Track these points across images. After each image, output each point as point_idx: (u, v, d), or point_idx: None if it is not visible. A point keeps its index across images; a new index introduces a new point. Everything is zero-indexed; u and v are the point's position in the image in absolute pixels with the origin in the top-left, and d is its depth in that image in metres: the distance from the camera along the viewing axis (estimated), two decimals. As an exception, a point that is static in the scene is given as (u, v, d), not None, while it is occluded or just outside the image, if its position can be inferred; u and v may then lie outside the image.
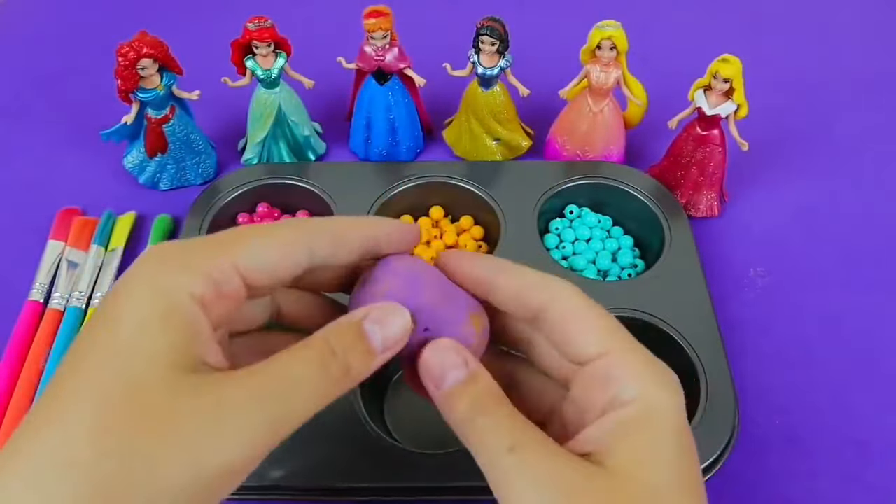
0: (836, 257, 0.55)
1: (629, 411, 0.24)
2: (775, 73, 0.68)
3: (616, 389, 0.25)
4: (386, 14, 0.53)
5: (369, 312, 0.25)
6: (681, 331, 0.46)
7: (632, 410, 0.24)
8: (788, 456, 0.45)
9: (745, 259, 0.54)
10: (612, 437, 0.24)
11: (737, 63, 0.50)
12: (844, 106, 0.66)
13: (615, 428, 0.24)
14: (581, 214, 0.55)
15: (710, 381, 0.44)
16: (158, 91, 0.53)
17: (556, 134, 0.59)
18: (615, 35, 0.52)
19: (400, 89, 0.57)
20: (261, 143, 0.58)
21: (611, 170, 0.56)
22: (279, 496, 0.41)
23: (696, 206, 0.56)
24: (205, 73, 0.55)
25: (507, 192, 0.54)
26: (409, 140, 0.60)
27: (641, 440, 0.24)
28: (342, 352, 0.24)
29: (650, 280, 0.49)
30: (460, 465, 0.40)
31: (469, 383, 0.25)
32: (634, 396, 0.24)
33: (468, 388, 0.25)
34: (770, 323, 0.51)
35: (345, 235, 0.26)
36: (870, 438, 0.45)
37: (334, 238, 0.26)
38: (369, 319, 0.25)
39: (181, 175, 0.58)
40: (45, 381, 0.46)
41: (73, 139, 0.62)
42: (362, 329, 0.25)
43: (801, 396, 0.47)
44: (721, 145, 0.54)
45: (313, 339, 0.24)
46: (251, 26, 0.53)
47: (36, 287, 0.51)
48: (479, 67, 0.55)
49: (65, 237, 0.54)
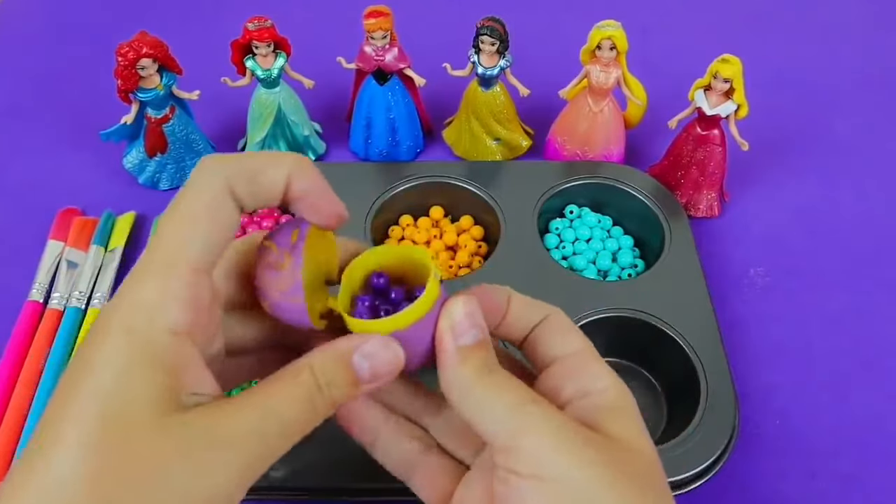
0: (836, 257, 0.55)
1: (609, 396, 0.27)
2: (775, 73, 0.68)
3: (588, 379, 0.27)
4: (386, 14, 0.53)
5: (360, 345, 0.25)
6: (681, 331, 0.46)
7: (611, 395, 0.27)
8: (788, 456, 0.45)
9: (745, 259, 0.54)
10: (598, 413, 0.26)
11: (737, 63, 0.50)
12: (844, 106, 0.66)
13: (600, 406, 0.26)
14: (581, 214, 0.55)
15: (710, 381, 0.44)
16: (158, 91, 0.53)
17: (555, 134, 0.59)
18: (615, 35, 0.52)
19: (400, 89, 0.57)
20: (261, 142, 0.58)
21: (611, 170, 0.56)
22: (279, 496, 0.41)
23: (696, 206, 0.56)
24: (205, 73, 0.55)
25: (507, 192, 0.54)
26: (409, 140, 0.60)
27: (626, 418, 0.27)
28: (327, 386, 0.24)
29: (650, 280, 0.49)
30: (460, 465, 0.40)
31: (485, 344, 0.26)
32: (608, 385, 0.27)
33: (483, 347, 0.26)
34: (770, 323, 0.51)
35: (262, 175, 0.25)
36: (870, 438, 0.45)
37: (250, 178, 0.25)
38: (360, 353, 0.25)
39: (181, 175, 0.58)
40: (45, 381, 0.46)
41: (73, 139, 0.62)
42: (350, 364, 0.25)
43: (801, 396, 0.47)
44: (721, 145, 0.54)
45: (301, 373, 0.24)
46: (251, 26, 0.53)
47: (36, 287, 0.51)
48: (479, 67, 0.54)
49: (65, 237, 0.54)
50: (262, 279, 0.26)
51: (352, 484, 0.40)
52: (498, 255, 0.51)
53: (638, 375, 0.48)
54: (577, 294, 0.48)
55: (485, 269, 0.50)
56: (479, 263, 0.52)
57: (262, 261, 0.26)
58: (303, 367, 0.24)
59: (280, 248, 0.26)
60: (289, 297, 0.25)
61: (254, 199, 0.25)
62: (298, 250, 0.26)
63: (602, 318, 0.47)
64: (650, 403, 0.47)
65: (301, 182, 0.25)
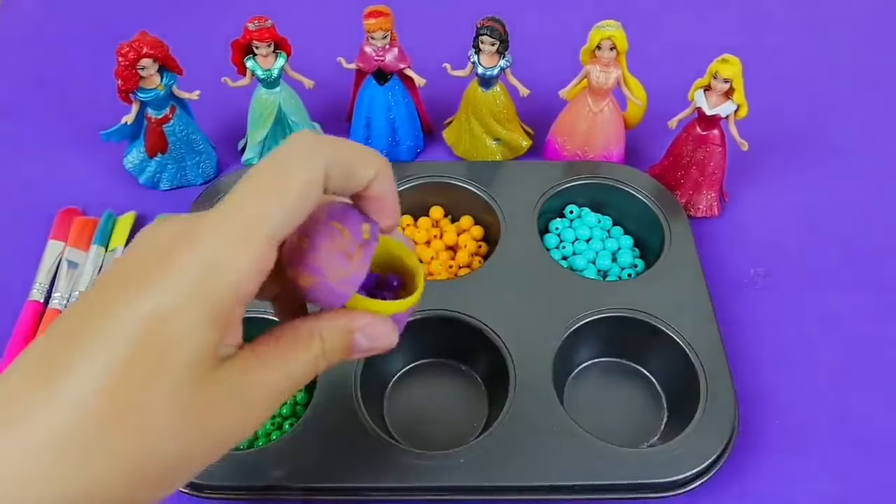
0: (836, 257, 0.55)
1: None
2: (775, 73, 0.68)
3: None
4: (386, 14, 0.53)
5: (365, 327, 0.27)
6: (681, 331, 0.46)
7: None
8: (788, 456, 0.45)
9: (745, 259, 0.54)
10: None
11: (737, 63, 0.50)
12: (844, 106, 0.66)
13: None
14: (581, 214, 0.55)
15: (710, 381, 0.44)
16: (158, 91, 0.53)
17: (555, 134, 0.59)
18: (615, 35, 0.52)
19: (400, 89, 0.57)
20: (261, 142, 0.58)
21: (611, 170, 0.56)
22: (279, 496, 0.41)
23: (696, 206, 0.56)
24: (205, 73, 0.55)
25: (507, 192, 0.54)
26: (409, 140, 0.60)
27: None
28: (330, 351, 0.27)
29: (650, 280, 0.49)
30: (460, 465, 0.40)
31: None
32: None
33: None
34: (770, 323, 0.51)
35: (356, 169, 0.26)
36: (870, 438, 0.45)
37: (347, 169, 0.26)
38: (362, 333, 0.27)
39: (181, 175, 0.58)
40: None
41: (73, 139, 0.62)
42: (352, 337, 0.27)
43: (801, 396, 0.47)
44: (721, 145, 0.54)
45: (313, 339, 0.26)
46: (251, 26, 0.53)
47: (36, 287, 0.51)
48: (479, 67, 0.55)
49: (65, 237, 0.54)
50: (324, 259, 0.26)
51: (352, 483, 0.40)
52: (498, 255, 0.51)
53: (638, 375, 0.48)
54: (577, 294, 0.48)
55: (485, 269, 0.50)
56: (479, 263, 0.52)
57: (331, 242, 0.26)
58: (315, 334, 0.26)
59: (353, 238, 0.27)
60: (344, 285, 0.26)
61: (340, 189, 0.26)
62: (371, 249, 0.27)
63: (602, 318, 0.47)
64: (650, 403, 0.47)
65: (383, 185, 0.27)
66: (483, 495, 0.41)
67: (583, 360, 0.48)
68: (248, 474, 0.40)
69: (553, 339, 0.46)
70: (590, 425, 0.42)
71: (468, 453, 0.41)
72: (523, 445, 0.41)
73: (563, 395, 0.46)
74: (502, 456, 0.41)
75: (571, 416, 0.43)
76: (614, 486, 0.41)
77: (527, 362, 0.44)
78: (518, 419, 0.42)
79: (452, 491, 0.41)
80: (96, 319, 0.22)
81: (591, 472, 0.41)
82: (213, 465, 0.39)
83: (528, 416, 0.42)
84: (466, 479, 0.40)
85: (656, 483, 0.40)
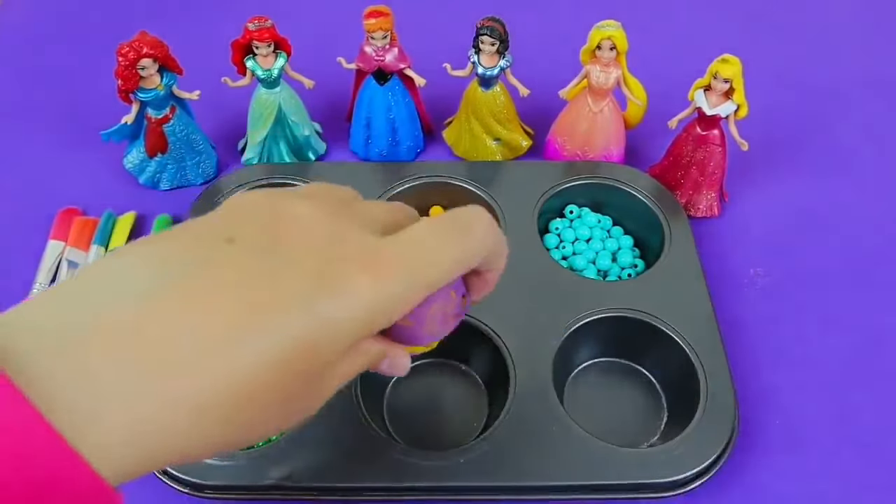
0: (836, 257, 0.55)
1: None
2: (775, 73, 0.68)
3: None
4: (386, 14, 0.53)
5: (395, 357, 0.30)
6: (681, 331, 0.46)
7: None
8: (788, 456, 0.45)
9: (745, 259, 0.54)
10: None
11: (737, 63, 0.50)
12: (845, 106, 0.66)
13: None
14: (581, 214, 0.55)
15: (710, 381, 0.44)
16: (158, 91, 0.53)
17: (555, 134, 0.59)
18: (615, 35, 0.52)
19: (400, 89, 0.57)
20: (261, 143, 0.58)
21: (611, 170, 0.56)
22: (279, 496, 0.41)
23: (696, 206, 0.56)
24: (205, 73, 0.55)
25: (507, 192, 0.54)
26: (409, 140, 0.60)
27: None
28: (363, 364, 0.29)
29: (650, 280, 0.49)
30: (460, 465, 0.40)
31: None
32: None
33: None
34: (770, 323, 0.51)
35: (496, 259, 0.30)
36: (870, 438, 0.45)
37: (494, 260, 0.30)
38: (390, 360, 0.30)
39: (181, 175, 0.58)
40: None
41: (73, 139, 0.62)
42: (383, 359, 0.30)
43: (801, 396, 0.47)
44: (721, 145, 0.54)
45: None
46: (251, 26, 0.53)
47: (36, 287, 0.51)
48: (479, 67, 0.55)
49: (65, 237, 0.54)
50: (430, 315, 0.29)
51: (351, 484, 0.40)
52: (498, 255, 0.51)
53: (638, 375, 0.48)
54: (577, 294, 0.48)
55: (485, 269, 0.50)
56: (480, 263, 0.52)
57: (443, 303, 0.29)
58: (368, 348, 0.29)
59: (456, 307, 0.30)
60: (428, 339, 0.30)
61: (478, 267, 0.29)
62: (460, 319, 0.31)
63: (602, 318, 0.47)
64: (650, 403, 0.47)
65: (499, 274, 0.31)
66: (483, 495, 0.41)
67: (583, 361, 0.48)
68: (249, 474, 0.40)
69: (553, 339, 0.46)
70: (590, 425, 0.42)
71: (468, 453, 0.41)
72: (523, 446, 0.41)
73: (563, 395, 0.46)
74: (502, 456, 0.41)
75: (571, 416, 0.43)
76: (614, 486, 0.41)
77: (527, 362, 0.44)
78: (518, 419, 0.42)
79: (452, 491, 0.41)
80: None
81: (590, 472, 0.41)
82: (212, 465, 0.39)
83: (528, 417, 0.42)
84: (466, 479, 0.40)
85: (656, 483, 0.40)
